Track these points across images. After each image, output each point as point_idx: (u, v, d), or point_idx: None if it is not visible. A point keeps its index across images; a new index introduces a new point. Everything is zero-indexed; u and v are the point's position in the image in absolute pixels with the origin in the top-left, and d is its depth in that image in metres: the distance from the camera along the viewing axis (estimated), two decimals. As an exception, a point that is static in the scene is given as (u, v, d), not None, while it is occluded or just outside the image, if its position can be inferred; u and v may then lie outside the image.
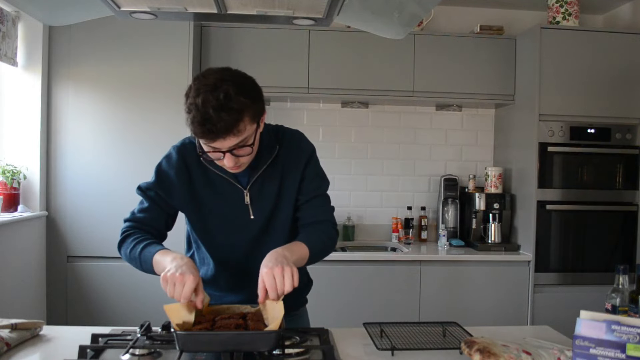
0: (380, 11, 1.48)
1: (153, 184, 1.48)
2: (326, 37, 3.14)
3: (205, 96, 1.21)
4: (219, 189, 1.44)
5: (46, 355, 1.30)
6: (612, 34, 3.10)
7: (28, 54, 2.79)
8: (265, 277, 1.21)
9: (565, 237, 3.10)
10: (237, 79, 1.28)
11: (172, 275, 1.20)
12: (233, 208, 1.45)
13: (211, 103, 1.21)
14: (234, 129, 1.24)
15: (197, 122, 1.22)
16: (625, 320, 1.02)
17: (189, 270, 1.22)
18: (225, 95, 1.22)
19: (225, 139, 1.25)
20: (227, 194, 1.44)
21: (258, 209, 1.46)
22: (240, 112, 1.24)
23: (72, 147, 2.85)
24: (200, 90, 1.23)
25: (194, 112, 1.22)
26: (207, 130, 1.22)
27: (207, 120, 1.21)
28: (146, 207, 1.48)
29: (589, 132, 3.09)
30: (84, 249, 2.85)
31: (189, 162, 1.45)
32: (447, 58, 3.22)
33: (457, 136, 3.59)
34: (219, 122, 1.21)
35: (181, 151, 1.47)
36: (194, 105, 1.22)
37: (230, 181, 1.44)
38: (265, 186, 1.45)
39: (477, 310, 3.00)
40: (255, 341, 1.16)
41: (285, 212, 1.48)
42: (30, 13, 1.93)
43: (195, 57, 2.92)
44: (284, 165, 1.46)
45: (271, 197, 1.46)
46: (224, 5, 1.32)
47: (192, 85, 1.27)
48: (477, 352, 1.18)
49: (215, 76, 1.26)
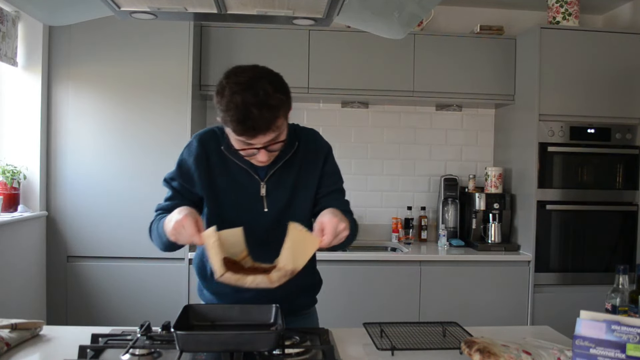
0: (380, 11, 1.48)
1: (175, 173, 1.52)
2: (326, 37, 3.14)
3: (244, 94, 1.24)
4: (237, 179, 1.47)
5: (46, 355, 1.30)
6: (612, 34, 3.10)
7: (28, 54, 2.79)
8: (327, 219, 1.27)
9: (565, 237, 3.10)
10: (271, 76, 1.32)
11: (173, 228, 1.26)
12: (248, 199, 1.48)
13: (251, 101, 1.24)
14: (273, 125, 1.28)
15: (236, 120, 1.25)
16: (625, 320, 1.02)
17: (183, 213, 1.26)
18: (265, 93, 1.25)
19: (264, 135, 1.28)
20: (244, 185, 1.47)
21: (272, 202, 1.48)
22: (278, 108, 1.28)
23: (72, 147, 2.85)
24: (237, 88, 1.25)
25: (233, 110, 1.25)
26: (249, 127, 1.26)
27: (248, 117, 1.24)
28: (171, 196, 1.51)
29: (589, 132, 3.09)
30: (84, 249, 2.85)
31: (209, 150, 1.48)
32: (447, 58, 3.22)
33: (457, 136, 3.59)
34: (260, 119, 1.25)
35: (202, 140, 1.49)
36: (233, 104, 1.24)
37: (248, 172, 1.47)
38: (282, 180, 1.49)
39: (477, 310, 3.00)
40: (255, 341, 1.16)
41: (300, 207, 1.52)
42: (30, 13, 1.93)
43: (195, 57, 2.92)
44: (301, 162, 1.50)
45: (286, 191, 1.49)
46: (224, 5, 1.32)
47: (224, 84, 1.29)
48: (477, 352, 1.18)
49: (249, 74, 1.29)
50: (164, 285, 2.86)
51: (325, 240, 1.26)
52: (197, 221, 1.27)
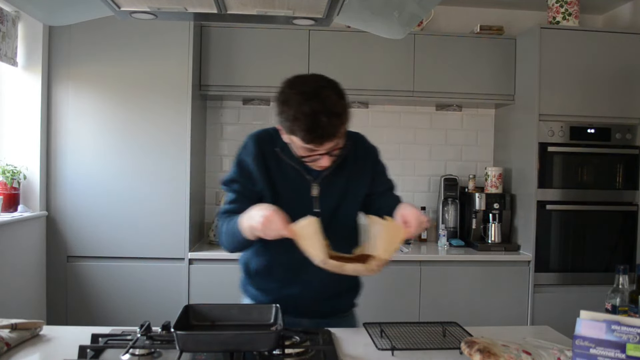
0: (380, 11, 1.48)
1: (235, 174, 1.55)
2: (326, 37, 3.14)
3: (312, 103, 1.30)
4: (290, 180, 1.52)
5: (46, 355, 1.30)
6: (612, 34, 3.10)
7: (28, 54, 2.79)
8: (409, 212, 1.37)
9: (565, 237, 3.10)
10: (333, 84, 1.39)
11: (261, 223, 1.29)
12: (300, 199, 1.52)
13: (319, 109, 1.30)
14: (339, 132, 1.36)
15: (306, 128, 1.31)
16: (625, 320, 1.02)
17: (270, 209, 1.30)
18: (331, 101, 1.32)
19: (331, 142, 1.35)
20: (297, 185, 1.51)
21: (323, 203, 1.53)
22: (344, 115, 1.37)
23: (72, 147, 2.85)
24: (304, 97, 1.31)
25: (302, 119, 1.31)
26: (318, 135, 1.33)
27: (318, 126, 1.30)
28: (233, 199, 1.55)
29: (589, 132, 3.09)
30: (84, 249, 2.85)
31: (265, 150, 1.53)
32: (447, 58, 3.22)
33: (457, 136, 3.59)
34: (328, 126, 1.32)
35: (257, 141, 1.54)
36: (301, 113, 1.31)
37: (301, 173, 1.52)
38: (333, 182, 1.53)
39: (477, 310, 3.00)
40: (255, 341, 1.16)
41: (350, 208, 1.57)
42: (30, 13, 1.93)
43: (195, 57, 2.92)
44: (351, 164, 1.56)
45: (337, 192, 1.54)
46: (224, 5, 1.32)
47: (288, 93, 1.35)
48: (477, 352, 1.18)
49: (313, 83, 1.36)
50: (164, 285, 2.86)
51: (411, 231, 1.34)
52: (283, 215, 1.32)
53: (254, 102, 3.41)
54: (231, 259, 2.91)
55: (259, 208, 1.34)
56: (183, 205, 2.88)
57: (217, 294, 2.83)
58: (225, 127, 3.46)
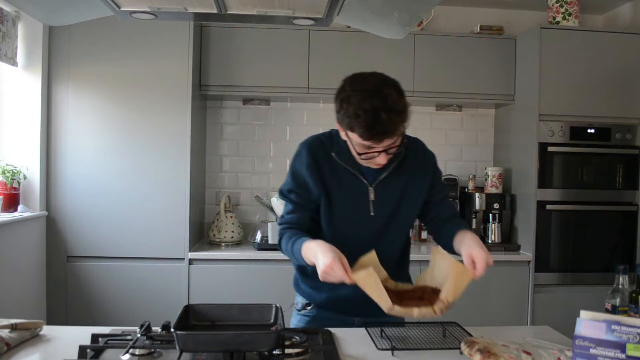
0: (380, 11, 1.48)
1: (290, 184, 1.56)
2: (326, 37, 3.14)
3: (372, 100, 1.32)
4: (346, 183, 1.53)
5: (46, 355, 1.30)
6: (612, 34, 3.10)
7: (28, 54, 2.79)
8: (477, 253, 1.37)
9: (565, 237, 3.10)
10: (393, 82, 1.40)
11: (323, 272, 1.31)
12: (356, 202, 1.53)
13: (380, 106, 1.32)
14: (398, 130, 1.37)
15: (366, 125, 1.33)
16: (625, 320, 1.02)
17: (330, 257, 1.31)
18: (391, 98, 1.33)
19: (390, 139, 1.37)
20: (353, 189, 1.52)
21: (379, 207, 1.54)
22: (404, 112, 1.37)
23: (72, 147, 2.85)
24: (364, 95, 1.33)
25: (362, 116, 1.32)
26: (378, 132, 1.33)
27: (378, 123, 1.32)
28: (291, 209, 1.57)
29: (589, 132, 3.09)
30: (84, 249, 2.85)
31: (318, 157, 1.54)
32: (447, 58, 3.22)
33: (457, 136, 3.59)
34: (388, 123, 1.33)
35: (310, 148, 1.56)
36: (362, 110, 1.32)
37: (357, 176, 1.53)
38: (390, 186, 1.54)
39: (477, 310, 3.00)
40: (255, 341, 1.16)
41: (407, 213, 1.58)
42: (30, 13, 1.93)
43: (195, 57, 2.92)
44: (409, 169, 1.56)
45: (394, 197, 1.55)
46: (224, 5, 1.32)
47: (348, 91, 1.36)
48: (477, 352, 1.18)
49: (373, 81, 1.38)
50: (164, 285, 2.86)
51: (478, 274, 1.37)
52: (343, 262, 1.32)
53: (254, 102, 3.41)
54: (231, 259, 2.93)
55: (322, 253, 1.34)
56: (183, 205, 2.87)
57: (217, 294, 2.83)
58: (225, 127, 3.46)
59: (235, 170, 3.48)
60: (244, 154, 3.48)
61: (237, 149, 3.47)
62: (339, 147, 1.53)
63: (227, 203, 3.20)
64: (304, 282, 1.66)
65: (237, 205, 3.46)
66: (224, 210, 3.15)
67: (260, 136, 3.48)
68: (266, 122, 3.47)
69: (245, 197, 3.47)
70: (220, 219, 3.14)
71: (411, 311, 1.29)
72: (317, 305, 1.63)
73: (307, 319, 1.66)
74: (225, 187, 3.46)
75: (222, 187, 3.46)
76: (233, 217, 3.17)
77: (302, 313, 1.67)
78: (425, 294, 1.39)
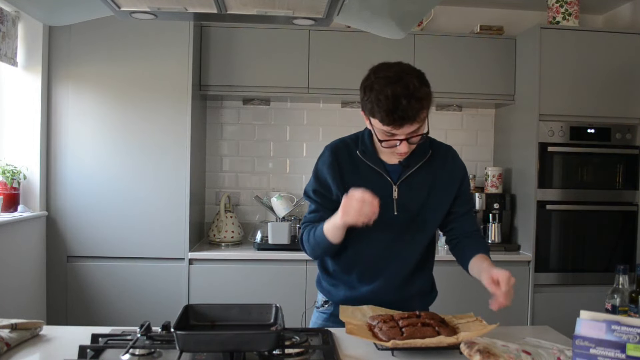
0: (380, 11, 1.48)
1: (314, 184, 1.59)
2: (326, 37, 3.14)
3: (394, 87, 1.35)
4: (369, 180, 1.53)
5: (46, 355, 1.30)
6: (612, 34, 3.10)
7: (28, 54, 2.79)
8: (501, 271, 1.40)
9: (565, 237, 3.10)
10: (416, 71, 1.42)
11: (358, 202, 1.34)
12: (380, 200, 1.50)
13: (400, 92, 1.35)
14: (418, 116, 1.39)
15: (387, 110, 1.36)
16: (625, 320, 1.02)
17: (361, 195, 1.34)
18: (413, 85, 1.36)
19: (410, 126, 1.39)
20: (377, 186, 1.51)
21: (403, 206, 1.54)
22: (424, 100, 1.39)
23: (72, 147, 2.85)
24: (387, 81, 1.36)
25: (383, 101, 1.36)
26: (398, 117, 1.36)
27: (398, 108, 1.35)
28: (314, 209, 1.60)
29: (589, 132, 3.09)
30: (84, 249, 2.85)
31: (340, 157, 1.57)
32: (447, 58, 3.22)
33: (457, 136, 3.59)
34: (408, 109, 1.35)
35: (333, 149, 1.59)
36: (384, 95, 1.36)
37: (381, 174, 1.54)
38: (415, 186, 1.55)
39: (477, 310, 2.99)
40: (255, 341, 1.16)
41: (431, 216, 1.58)
42: (30, 13, 1.93)
43: (195, 57, 2.92)
44: (438, 174, 1.57)
45: (419, 198, 1.55)
46: (224, 5, 1.32)
47: (372, 77, 1.40)
48: (477, 353, 1.18)
49: (396, 69, 1.40)
50: (164, 286, 2.86)
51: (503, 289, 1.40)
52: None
53: (254, 102, 3.41)
54: (231, 259, 2.93)
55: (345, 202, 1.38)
56: (183, 205, 2.87)
57: (217, 294, 2.83)
58: (225, 127, 3.46)
59: (235, 170, 3.48)
60: (244, 154, 3.48)
61: (237, 149, 3.47)
62: (364, 146, 1.56)
63: (227, 203, 3.20)
64: (325, 279, 1.68)
65: (237, 205, 3.46)
66: (224, 210, 3.16)
67: (260, 136, 3.48)
68: (266, 122, 3.47)
69: (245, 197, 3.47)
70: (220, 219, 3.14)
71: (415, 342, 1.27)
72: (334, 303, 1.64)
73: (325, 315, 1.68)
74: (225, 187, 3.46)
75: (222, 187, 3.46)
76: (233, 217, 3.17)
77: (320, 310, 1.70)
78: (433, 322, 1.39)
